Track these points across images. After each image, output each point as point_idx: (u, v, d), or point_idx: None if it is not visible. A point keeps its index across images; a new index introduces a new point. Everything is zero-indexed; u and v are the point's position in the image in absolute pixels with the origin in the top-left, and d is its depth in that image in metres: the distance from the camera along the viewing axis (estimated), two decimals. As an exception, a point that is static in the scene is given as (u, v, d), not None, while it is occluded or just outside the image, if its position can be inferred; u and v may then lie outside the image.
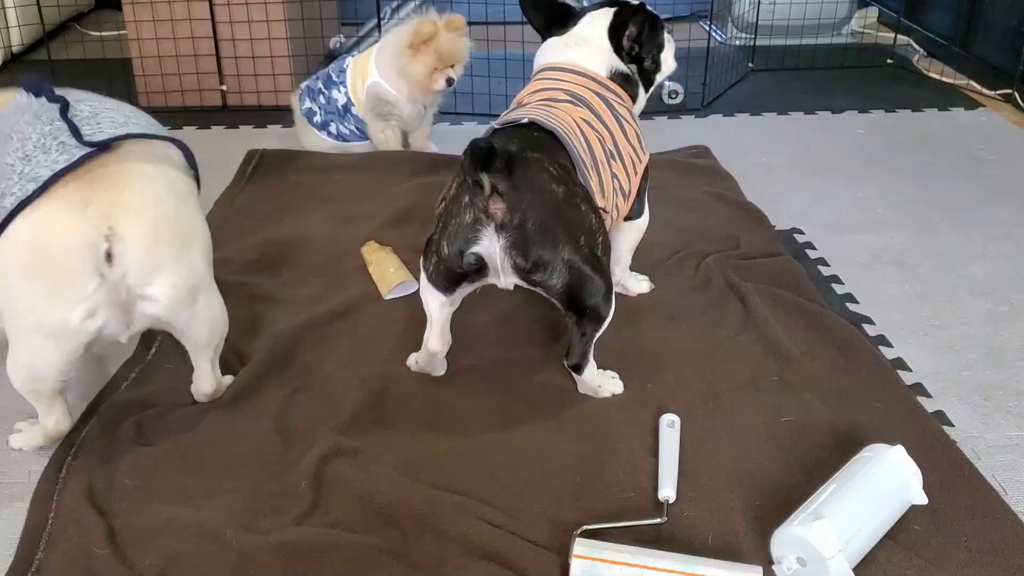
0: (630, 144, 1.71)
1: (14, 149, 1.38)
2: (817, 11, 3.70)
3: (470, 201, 1.42)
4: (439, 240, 1.48)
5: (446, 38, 2.43)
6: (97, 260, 1.31)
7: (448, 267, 1.48)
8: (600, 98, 1.71)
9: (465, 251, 1.44)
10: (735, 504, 1.36)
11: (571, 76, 1.74)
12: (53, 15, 3.75)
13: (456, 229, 1.44)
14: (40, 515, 1.36)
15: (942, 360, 1.74)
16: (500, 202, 1.40)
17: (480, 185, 1.38)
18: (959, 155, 2.68)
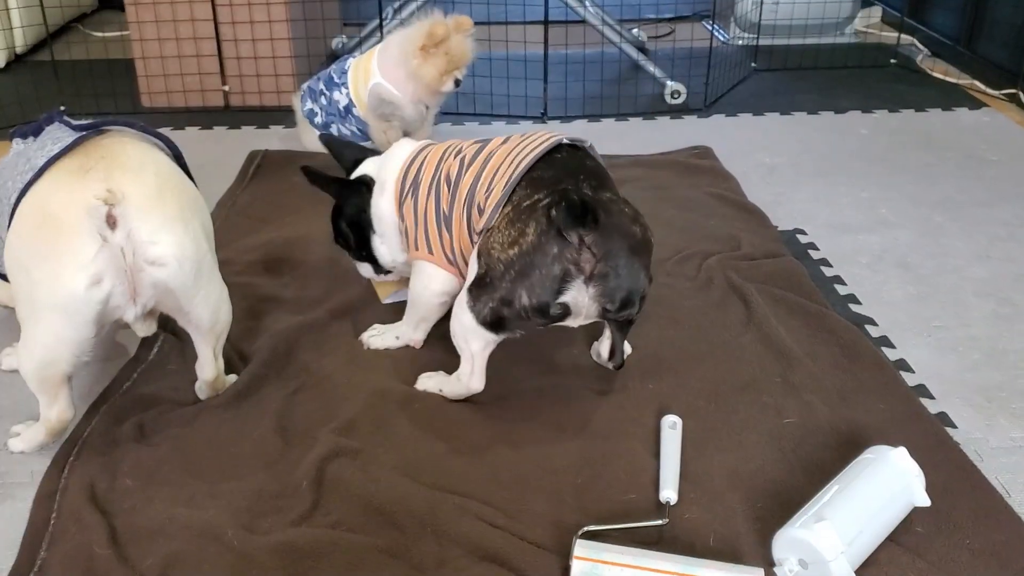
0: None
1: (21, 165, 1.42)
2: (820, 10, 3.70)
3: (559, 253, 1.40)
4: (512, 288, 1.44)
5: (455, 40, 2.43)
6: (98, 222, 1.31)
7: (520, 315, 1.45)
8: None
9: (552, 303, 1.43)
10: (736, 506, 1.36)
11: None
12: (56, 16, 3.76)
13: (541, 281, 1.42)
14: (42, 514, 1.37)
15: (945, 361, 1.73)
16: (589, 253, 1.40)
17: (568, 240, 1.39)
18: (962, 155, 2.67)
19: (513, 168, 1.54)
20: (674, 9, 4.14)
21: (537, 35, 3.04)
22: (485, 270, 1.48)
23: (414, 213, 1.68)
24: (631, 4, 4.05)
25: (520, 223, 1.45)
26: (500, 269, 1.45)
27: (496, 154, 1.61)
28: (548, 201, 1.44)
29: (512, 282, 1.43)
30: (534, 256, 1.42)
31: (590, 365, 1.69)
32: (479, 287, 1.48)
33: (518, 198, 1.49)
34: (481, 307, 1.48)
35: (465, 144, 1.70)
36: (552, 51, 3.01)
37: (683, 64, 3.31)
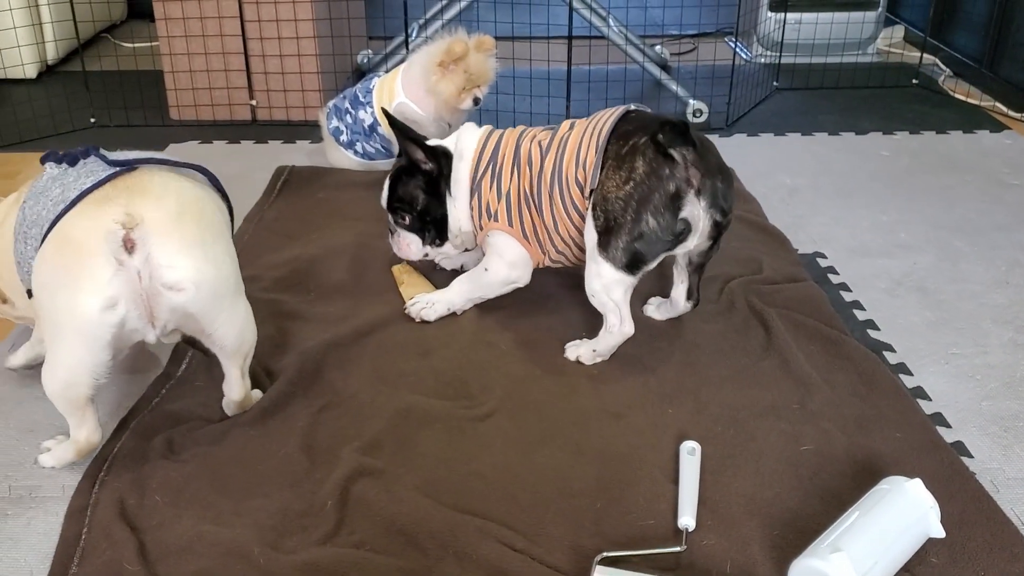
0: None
1: (55, 194, 1.46)
2: (843, 30, 3.71)
3: (670, 173, 1.60)
4: (637, 218, 1.62)
5: (475, 59, 2.46)
6: (114, 245, 1.34)
7: (649, 241, 1.64)
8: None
9: (675, 219, 1.62)
10: (753, 533, 1.38)
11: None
12: (87, 28, 3.82)
13: (662, 200, 1.61)
14: (74, 529, 1.40)
15: (962, 390, 1.75)
16: (695, 169, 1.60)
17: (672, 158, 1.59)
18: (983, 178, 2.68)
19: (596, 137, 1.72)
20: (697, 26, 4.15)
21: (560, 52, 3.06)
22: (605, 217, 1.66)
23: (497, 188, 1.84)
24: (654, 22, 4.08)
25: (627, 162, 1.64)
26: (620, 206, 1.64)
27: (570, 137, 1.80)
28: (645, 138, 1.64)
29: (636, 212, 1.62)
30: (649, 182, 1.61)
31: (610, 388, 1.72)
32: (607, 235, 1.66)
33: (614, 151, 1.68)
34: (615, 252, 1.66)
35: (535, 131, 1.88)
36: (575, 68, 3.04)
37: (705, 82, 3.33)
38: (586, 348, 1.80)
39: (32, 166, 1.60)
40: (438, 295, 1.94)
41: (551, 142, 1.82)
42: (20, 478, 1.53)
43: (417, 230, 1.94)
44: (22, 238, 1.50)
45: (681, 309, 1.87)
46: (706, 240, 1.69)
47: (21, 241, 1.50)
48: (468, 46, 2.46)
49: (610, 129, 1.72)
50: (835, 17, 3.70)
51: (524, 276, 1.90)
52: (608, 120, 1.74)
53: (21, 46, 3.45)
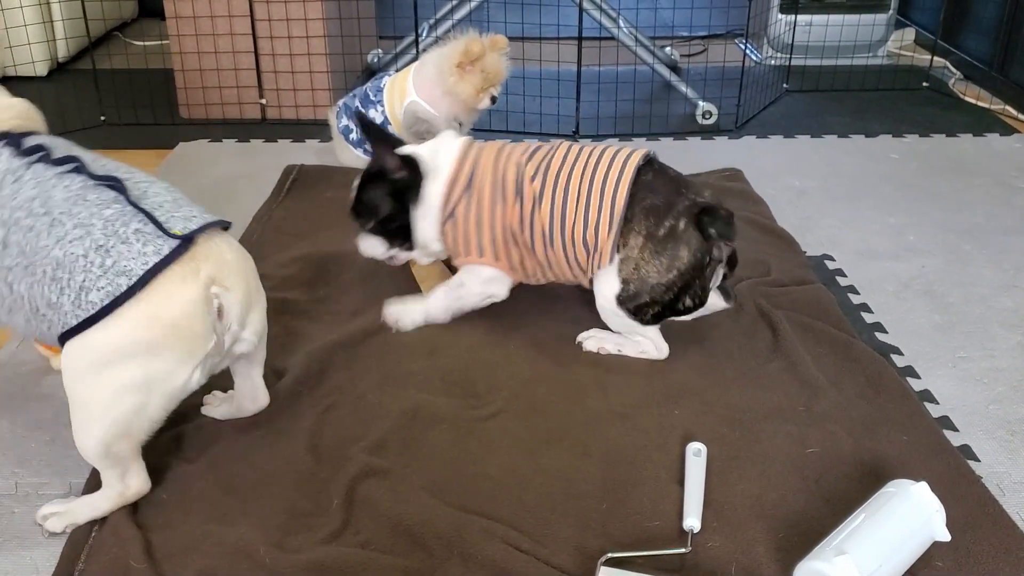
0: None
1: (76, 236, 1.36)
2: (853, 32, 3.71)
3: (710, 260, 1.70)
4: (676, 299, 1.72)
5: (491, 58, 2.47)
6: (212, 317, 1.38)
7: (679, 312, 1.75)
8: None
9: (705, 290, 1.73)
10: (759, 535, 1.38)
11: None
12: (98, 26, 3.83)
13: (701, 285, 1.72)
14: (84, 528, 1.41)
15: (970, 393, 1.74)
16: (724, 244, 1.70)
17: (712, 241, 1.68)
18: (993, 182, 2.67)
19: (611, 201, 1.71)
20: (707, 28, 4.15)
21: (571, 53, 3.06)
22: (638, 290, 1.72)
23: (478, 219, 1.80)
24: (664, 23, 4.08)
25: (670, 250, 1.69)
26: (661, 290, 1.71)
27: (570, 182, 1.76)
28: (687, 223, 1.68)
29: (676, 295, 1.71)
30: (694, 272, 1.70)
31: (617, 389, 1.72)
32: (635, 302, 1.73)
33: (645, 229, 1.70)
34: (643, 315, 1.74)
35: (515, 152, 1.83)
36: (585, 68, 3.04)
37: (715, 84, 3.33)
38: (611, 343, 1.82)
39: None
40: (417, 304, 1.92)
41: (545, 180, 1.77)
42: (26, 475, 1.54)
43: (381, 235, 1.90)
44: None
45: (719, 307, 1.84)
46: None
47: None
48: (484, 46, 2.46)
49: (627, 195, 1.71)
50: (846, 19, 3.69)
51: (501, 292, 1.87)
52: (624, 183, 1.71)
53: (32, 43, 3.46)
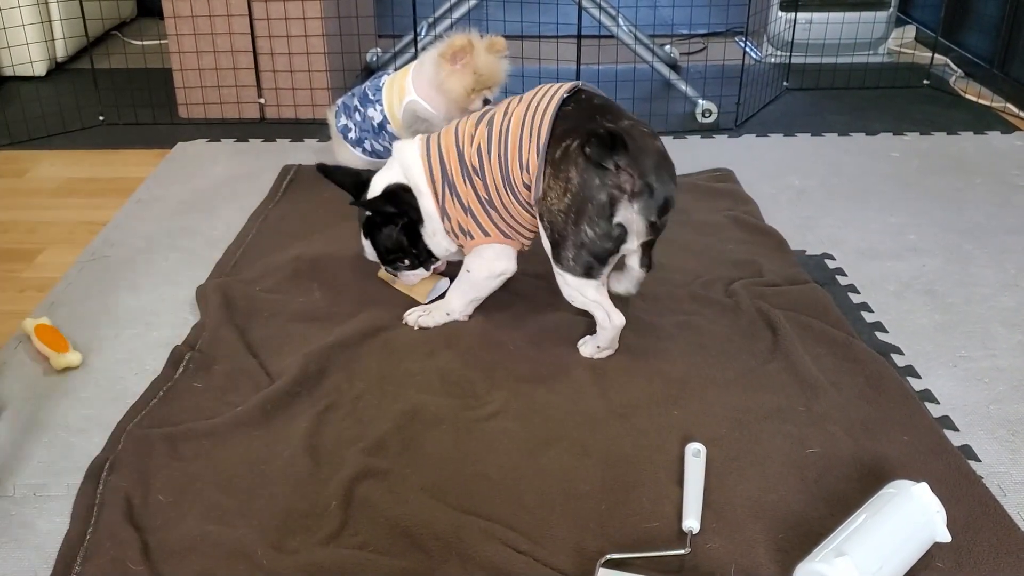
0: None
1: None
2: (854, 30, 3.70)
3: (601, 183, 1.61)
4: (577, 229, 1.65)
5: (486, 60, 2.44)
6: None
7: (594, 249, 1.66)
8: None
9: (610, 226, 1.63)
10: (758, 536, 1.37)
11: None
12: (97, 26, 3.82)
13: (596, 210, 1.62)
14: (78, 529, 1.40)
15: (970, 393, 1.74)
16: (627, 174, 1.60)
17: (603, 166, 1.59)
18: (993, 180, 2.66)
19: (536, 137, 1.69)
20: (707, 26, 4.14)
21: (570, 51, 3.06)
22: (552, 229, 1.68)
23: (460, 204, 1.82)
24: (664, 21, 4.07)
25: (563, 173, 1.64)
26: (562, 219, 1.66)
27: (510, 131, 1.75)
28: (578, 142, 1.62)
29: (575, 224, 1.64)
30: (584, 192, 1.62)
31: (617, 389, 1.71)
32: (556, 247, 1.69)
33: (551, 156, 1.67)
34: (568, 263, 1.69)
35: (467, 126, 1.83)
36: (584, 67, 3.03)
37: (715, 82, 3.32)
38: (591, 346, 1.81)
39: (41, 163, 1.60)
40: (434, 305, 1.94)
41: (489, 136, 1.78)
42: (25, 477, 1.53)
43: (417, 265, 1.96)
44: None
45: (637, 276, 1.80)
46: (645, 237, 1.68)
47: None
48: (471, 40, 2.44)
49: (550, 128, 1.68)
50: (846, 17, 3.69)
51: (509, 266, 1.89)
52: (547, 114, 1.69)
53: (30, 43, 3.46)
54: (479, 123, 1.82)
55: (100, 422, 1.65)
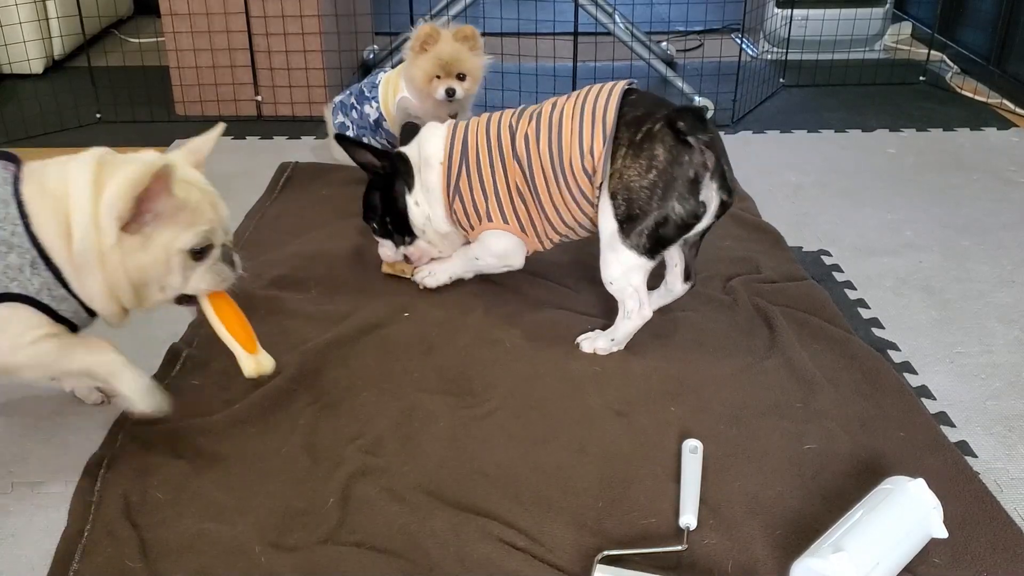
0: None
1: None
2: (850, 26, 3.70)
3: (690, 160, 1.64)
4: (663, 204, 1.66)
5: (451, 46, 2.41)
6: None
7: (675, 225, 1.67)
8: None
9: (697, 203, 1.66)
10: (755, 533, 1.37)
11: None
12: (93, 24, 3.82)
13: (685, 187, 1.65)
14: (77, 526, 1.40)
15: (967, 388, 1.74)
16: (710, 152, 1.64)
17: (689, 143, 1.63)
18: (990, 177, 2.67)
19: (602, 123, 1.72)
20: (703, 22, 4.14)
21: (566, 48, 3.06)
22: (627, 205, 1.68)
23: (481, 187, 1.84)
24: (660, 18, 4.07)
25: (646, 150, 1.66)
26: (646, 195, 1.66)
27: (562, 120, 1.77)
28: (661, 124, 1.66)
29: (661, 200, 1.66)
30: (672, 169, 1.65)
31: (614, 386, 1.71)
32: (630, 222, 1.69)
33: (627, 138, 1.69)
34: (638, 239, 1.69)
35: (505, 118, 1.87)
36: (580, 64, 3.04)
37: (711, 79, 3.32)
38: (604, 339, 1.81)
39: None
40: (439, 265, 2.01)
41: (538, 127, 1.80)
42: (23, 474, 1.53)
43: (386, 234, 2.01)
44: None
45: (678, 292, 1.86)
46: (712, 219, 1.71)
47: None
48: (438, 30, 2.43)
49: (616, 114, 1.71)
50: (842, 13, 3.69)
51: (516, 262, 1.92)
52: (612, 103, 1.73)
53: (27, 41, 3.46)
54: (520, 117, 1.85)
55: (98, 419, 1.65)
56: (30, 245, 1.38)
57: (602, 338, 1.81)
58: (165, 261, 1.42)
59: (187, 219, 1.41)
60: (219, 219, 1.48)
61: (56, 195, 1.39)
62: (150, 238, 1.39)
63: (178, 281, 1.45)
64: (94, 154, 1.43)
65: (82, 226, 1.37)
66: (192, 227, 1.42)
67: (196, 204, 1.43)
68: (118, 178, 1.36)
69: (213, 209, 1.47)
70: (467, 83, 2.46)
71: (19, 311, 1.39)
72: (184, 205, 1.41)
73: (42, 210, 1.39)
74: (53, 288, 1.40)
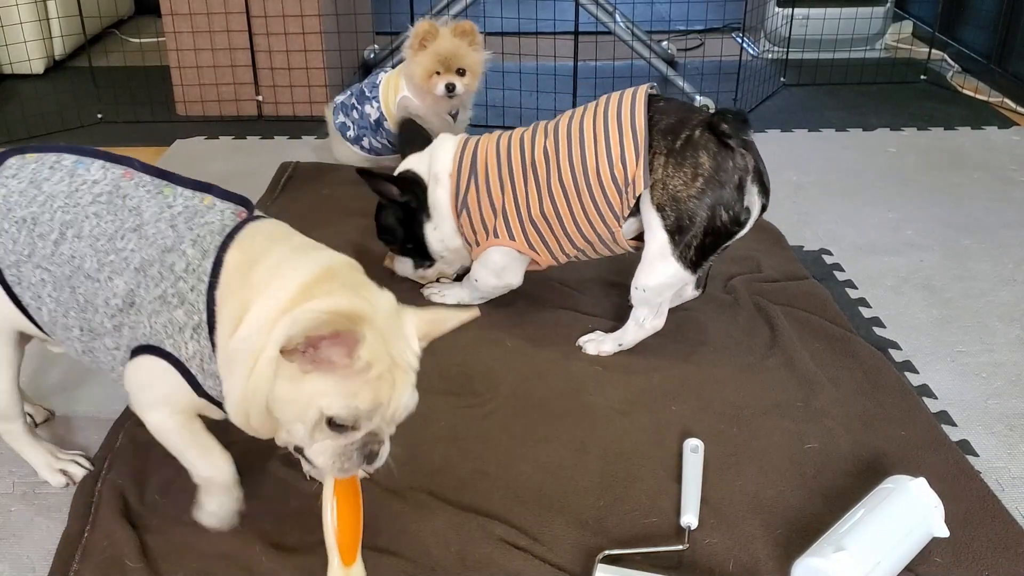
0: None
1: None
2: (851, 25, 3.70)
3: (733, 165, 1.62)
4: (712, 213, 1.62)
5: (449, 42, 2.41)
6: None
7: (722, 234, 1.65)
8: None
9: (742, 209, 1.63)
10: (756, 532, 1.37)
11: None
12: (94, 24, 3.82)
13: (732, 194, 1.62)
14: (77, 527, 1.40)
15: (968, 387, 1.74)
16: (750, 156, 1.63)
17: (731, 148, 1.61)
18: (991, 175, 2.66)
19: (631, 131, 1.67)
20: (704, 22, 4.14)
21: (567, 47, 3.06)
22: (676, 216, 1.64)
23: (490, 202, 1.81)
24: (661, 17, 4.07)
25: (690, 159, 1.63)
26: (694, 204, 1.63)
27: (584, 131, 1.73)
28: (702, 129, 1.64)
29: (711, 209, 1.63)
30: (719, 176, 1.62)
31: (615, 385, 1.71)
32: (680, 233, 1.65)
33: (665, 146, 1.66)
34: (686, 249, 1.66)
35: (518, 134, 1.84)
36: (581, 63, 3.03)
37: (712, 78, 3.32)
38: (610, 343, 1.80)
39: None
40: (450, 287, 2.00)
41: (556, 139, 1.75)
42: (23, 475, 1.53)
43: (406, 254, 2.01)
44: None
45: (687, 297, 1.86)
46: (751, 224, 1.69)
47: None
48: (436, 27, 2.43)
49: (646, 122, 1.67)
50: (843, 12, 3.69)
51: (514, 281, 1.88)
52: (639, 110, 1.68)
53: (28, 41, 3.46)
54: (536, 133, 1.81)
55: (98, 420, 1.65)
56: (203, 308, 1.22)
57: (608, 342, 1.81)
58: (302, 408, 1.16)
59: (350, 387, 1.15)
60: (388, 406, 1.19)
61: (254, 282, 1.21)
62: (302, 378, 1.15)
63: (301, 435, 1.19)
64: (325, 263, 1.26)
65: (253, 323, 1.18)
66: (349, 397, 1.15)
67: (373, 378, 1.15)
68: (314, 306, 1.16)
69: (388, 392, 1.18)
70: (467, 79, 2.46)
71: (169, 375, 1.24)
72: (360, 371, 1.14)
73: (232, 283, 1.22)
74: (206, 361, 1.23)
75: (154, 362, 1.24)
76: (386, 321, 1.21)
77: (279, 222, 1.35)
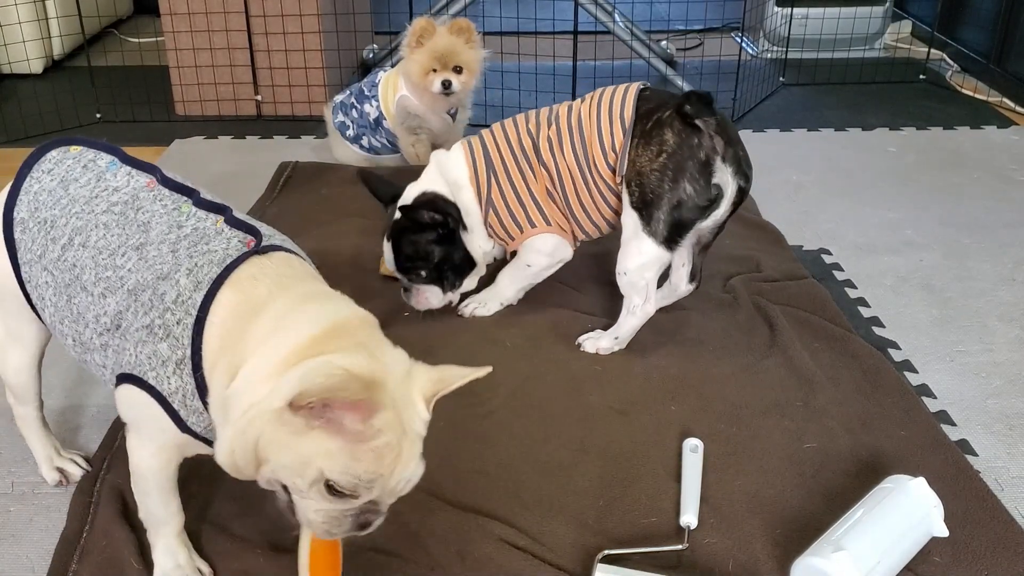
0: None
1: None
2: (850, 25, 3.70)
3: (699, 143, 1.64)
4: (675, 187, 1.65)
5: (446, 39, 2.41)
6: None
7: (688, 208, 1.66)
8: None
9: (709, 186, 1.65)
10: (756, 531, 1.37)
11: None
12: (93, 24, 3.82)
13: (695, 168, 1.64)
14: (75, 527, 1.40)
15: (967, 387, 1.74)
16: (720, 138, 1.64)
17: (698, 128, 1.63)
18: (990, 175, 2.67)
19: (620, 120, 1.73)
20: (703, 21, 4.14)
21: (566, 47, 3.06)
22: (640, 191, 1.68)
23: (516, 194, 1.83)
24: (660, 17, 4.06)
25: (656, 136, 1.67)
26: (656, 178, 1.66)
27: (581, 122, 1.78)
28: (670, 111, 1.67)
29: (673, 182, 1.65)
30: (682, 151, 1.65)
31: (615, 385, 1.71)
32: (646, 208, 1.68)
33: (639, 130, 1.71)
34: (656, 224, 1.68)
35: (522, 123, 1.87)
36: (580, 63, 3.03)
37: (711, 78, 3.32)
38: (607, 339, 1.81)
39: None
40: (487, 294, 1.96)
41: (559, 130, 1.80)
42: (23, 475, 1.53)
43: (435, 280, 1.89)
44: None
45: (682, 292, 1.87)
46: (729, 208, 1.70)
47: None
48: (432, 24, 2.43)
49: (634, 110, 1.72)
50: (842, 12, 3.69)
51: (567, 254, 1.90)
52: (628, 101, 1.74)
53: (27, 41, 3.45)
54: (539, 123, 1.84)
55: (97, 420, 1.65)
56: (187, 343, 1.13)
57: (605, 338, 1.81)
58: (300, 463, 1.07)
59: (354, 452, 1.06)
60: (389, 477, 1.09)
61: (257, 331, 1.12)
62: (306, 433, 1.05)
63: (295, 487, 1.10)
64: (338, 317, 1.16)
65: (254, 373, 1.09)
66: (352, 462, 1.06)
67: (379, 447, 1.07)
68: (330, 361, 1.07)
69: (393, 463, 1.09)
70: (464, 76, 2.46)
71: (153, 408, 1.17)
72: (368, 439, 1.06)
73: (224, 325, 1.13)
74: (189, 397, 1.15)
75: (137, 394, 1.18)
76: (398, 386, 1.12)
77: (290, 256, 1.26)
